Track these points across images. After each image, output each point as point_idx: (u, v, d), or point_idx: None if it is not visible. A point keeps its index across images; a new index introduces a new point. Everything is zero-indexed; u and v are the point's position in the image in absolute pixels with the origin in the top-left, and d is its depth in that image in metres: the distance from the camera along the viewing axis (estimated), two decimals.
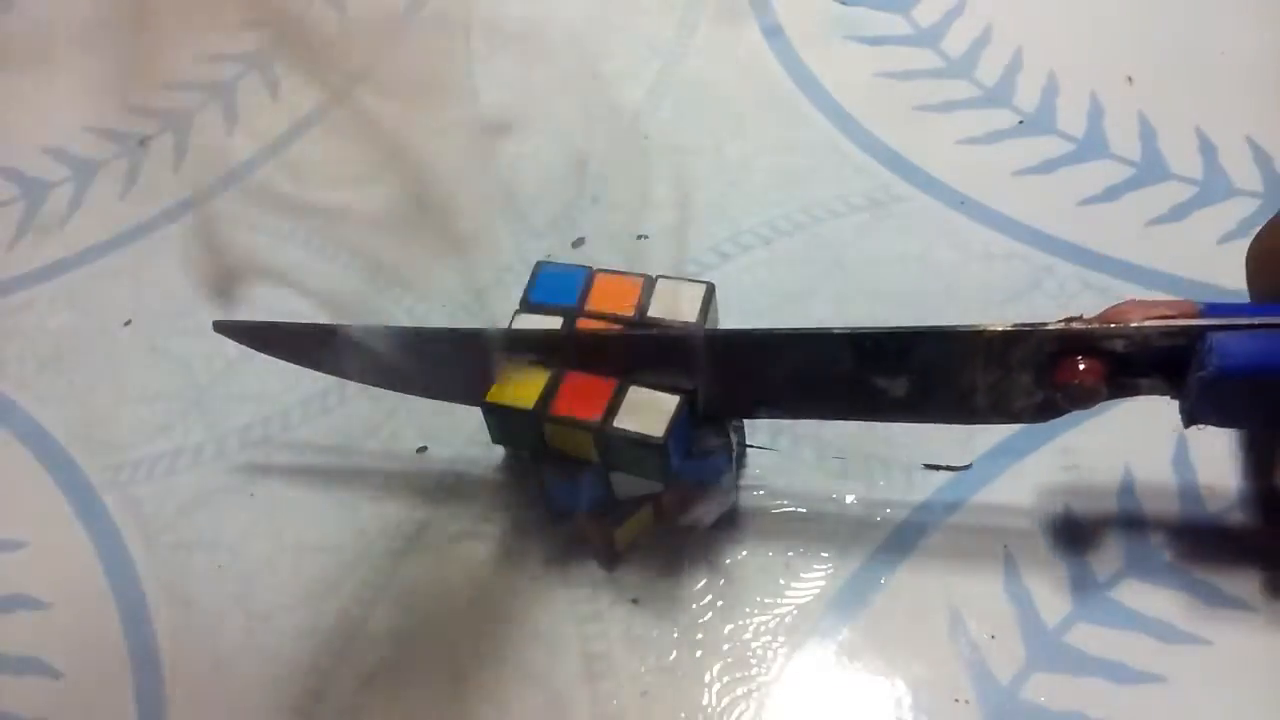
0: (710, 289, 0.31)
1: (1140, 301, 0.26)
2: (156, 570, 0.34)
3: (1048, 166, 0.39)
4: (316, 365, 0.34)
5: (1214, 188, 0.38)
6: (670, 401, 0.29)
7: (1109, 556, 0.30)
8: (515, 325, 0.31)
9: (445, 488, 0.34)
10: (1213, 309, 0.26)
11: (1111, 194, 0.38)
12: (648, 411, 0.29)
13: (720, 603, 0.31)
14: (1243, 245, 0.34)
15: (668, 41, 0.46)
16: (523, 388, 0.30)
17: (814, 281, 0.38)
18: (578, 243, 0.40)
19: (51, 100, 0.50)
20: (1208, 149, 0.39)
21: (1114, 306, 0.27)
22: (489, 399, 0.30)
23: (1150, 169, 0.39)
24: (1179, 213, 0.37)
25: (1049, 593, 0.30)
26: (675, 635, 0.31)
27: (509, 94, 0.46)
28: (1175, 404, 0.27)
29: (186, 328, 0.40)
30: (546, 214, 0.41)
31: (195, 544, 0.34)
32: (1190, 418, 0.27)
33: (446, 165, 0.43)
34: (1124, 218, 0.38)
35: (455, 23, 0.49)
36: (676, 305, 0.31)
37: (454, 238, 0.41)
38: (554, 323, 0.31)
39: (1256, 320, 0.25)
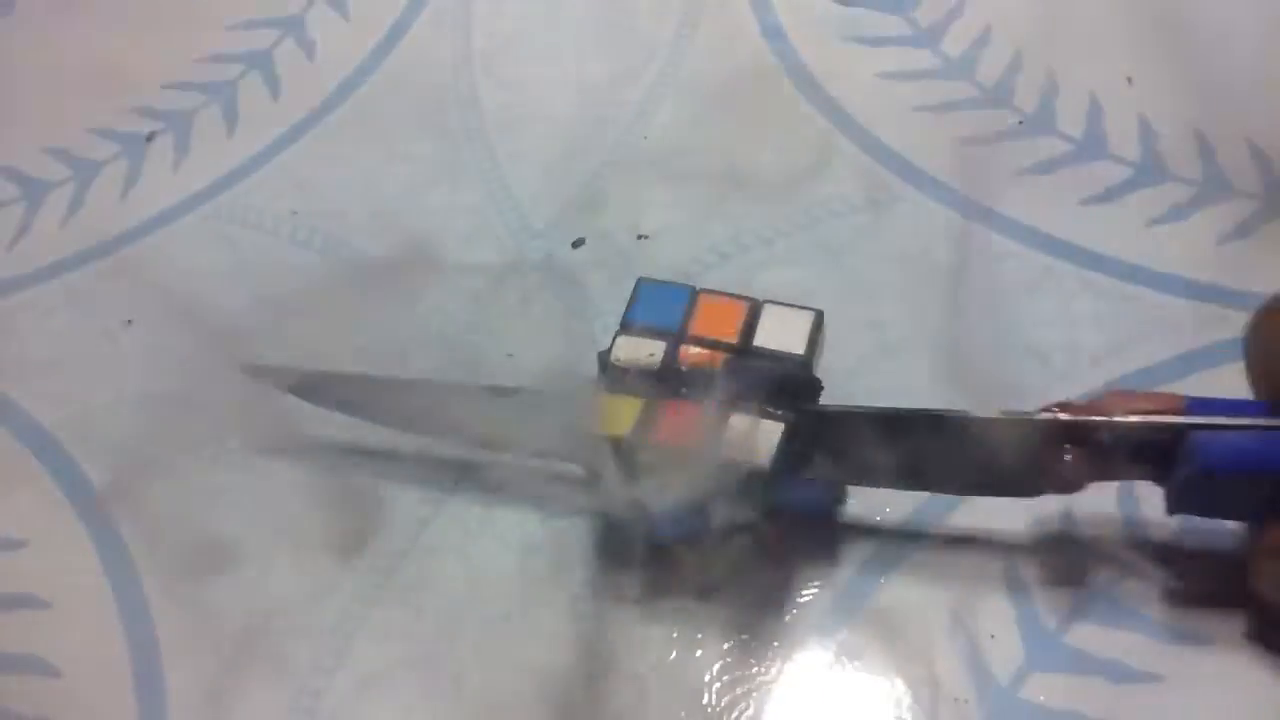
0: (819, 316, 0.30)
1: (1125, 393, 0.28)
2: (157, 570, 0.34)
3: (1048, 167, 0.39)
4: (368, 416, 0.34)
5: (1213, 188, 0.38)
6: (775, 429, 0.28)
7: (1109, 556, 0.30)
8: (616, 347, 0.30)
9: (445, 487, 0.34)
10: (1196, 405, 0.27)
11: (1111, 194, 0.38)
12: (751, 437, 0.28)
13: (720, 603, 0.31)
14: (1242, 245, 0.34)
15: (667, 41, 0.46)
16: (619, 414, 0.29)
17: (814, 281, 0.38)
18: (578, 243, 0.40)
19: (51, 100, 0.50)
20: (1207, 150, 0.39)
21: (1101, 398, 0.28)
22: (596, 431, 0.29)
23: (1150, 170, 0.39)
24: (1178, 213, 0.37)
25: (1049, 592, 0.30)
26: (675, 635, 0.31)
27: (509, 94, 0.46)
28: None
29: (186, 328, 0.40)
30: (546, 214, 0.41)
31: (194, 544, 0.34)
32: (1173, 508, 0.28)
33: (446, 166, 0.43)
34: (1123, 218, 0.38)
35: (455, 23, 0.49)
36: (783, 334, 0.30)
37: (454, 238, 0.41)
38: (656, 347, 0.30)
39: (1240, 421, 0.26)
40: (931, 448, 0.28)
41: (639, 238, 0.39)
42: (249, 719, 0.31)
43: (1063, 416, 0.27)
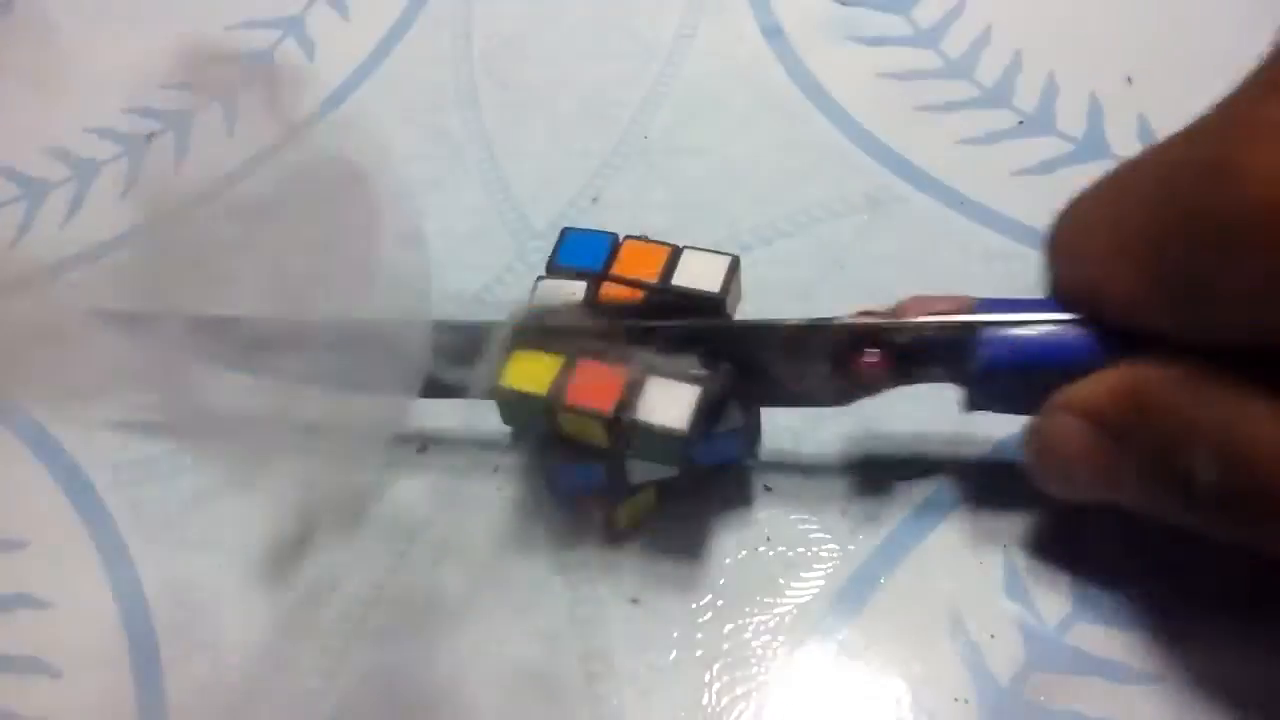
0: (735, 260, 0.31)
1: (922, 298, 0.29)
2: (157, 570, 0.34)
3: (1048, 167, 0.39)
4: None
5: None
6: (691, 392, 0.29)
7: (1109, 556, 0.30)
8: (539, 290, 0.32)
9: (445, 487, 0.34)
10: (985, 305, 0.28)
11: None
12: (668, 402, 0.29)
13: (720, 603, 0.31)
14: None
15: (667, 42, 0.46)
16: (534, 373, 0.30)
17: (814, 281, 0.38)
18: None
19: (51, 100, 0.50)
20: None
21: (900, 302, 0.29)
22: (501, 383, 0.30)
23: None
24: None
25: (1049, 592, 0.30)
26: (675, 635, 0.31)
27: (509, 94, 0.46)
28: None
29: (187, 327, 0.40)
30: (546, 214, 0.41)
31: (195, 544, 0.34)
32: (969, 405, 0.29)
33: (446, 166, 0.43)
34: None
35: (455, 23, 0.49)
36: (700, 275, 0.31)
37: (453, 239, 0.41)
38: (578, 287, 0.31)
39: (1023, 316, 0.28)
40: (754, 359, 0.30)
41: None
42: (249, 719, 0.31)
43: (861, 320, 0.29)
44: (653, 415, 0.29)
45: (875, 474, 0.33)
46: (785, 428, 0.34)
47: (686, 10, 0.47)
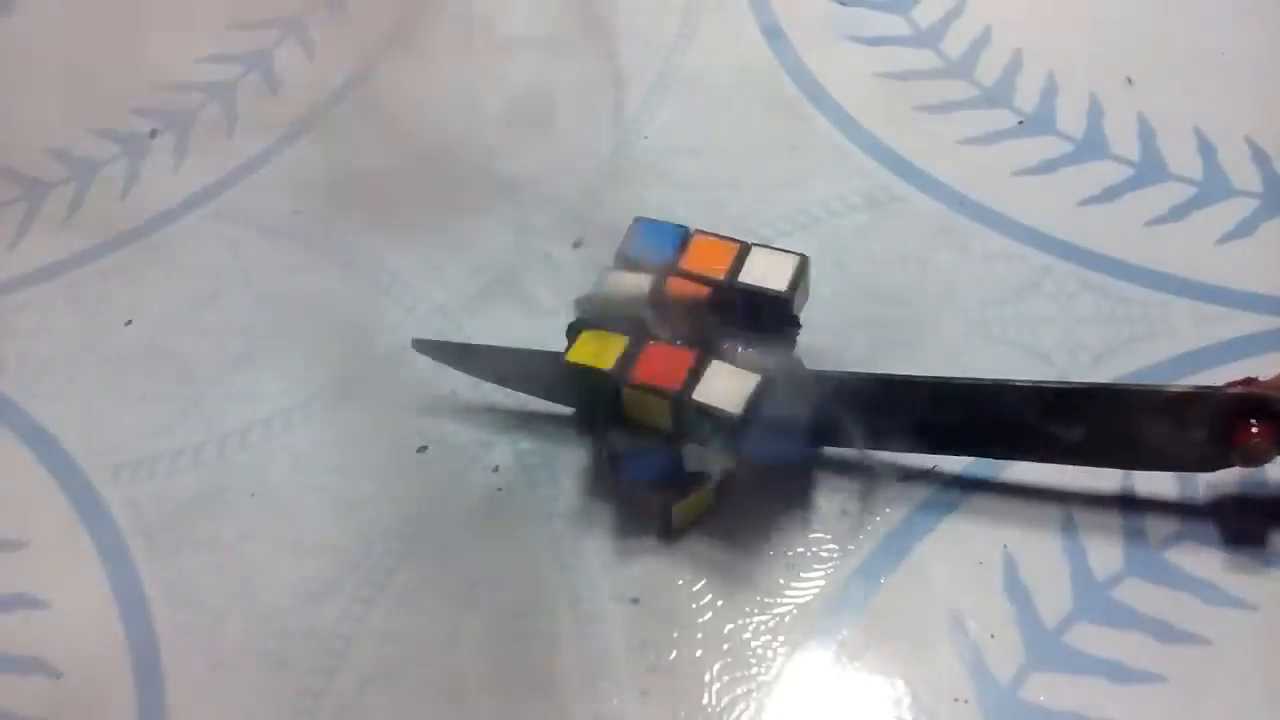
0: (804, 260, 0.31)
1: None
2: (157, 570, 0.34)
3: (1047, 167, 0.39)
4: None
5: (1213, 188, 0.38)
6: (751, 380, 0.29)
7: (1108, 556, 0.30)
8: (608, 281, 0.32)
9: (445, 487, 0.34)
10: None
11: (1111, 194, 0.38)
12: (728, 387, 0.29)
13: (720, 603, 0.31)
14: (1242, 245, 0.34)
15: (668, 42, 0.46)
16: (603, 351, 0.30)
17: (814, 282, 0.38)
18: (578, 243, 0.40)
19: (52, 101, 0.50)
20: (1207, 149, 0.39)
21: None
22: (569, 358, 0.30)
23: (1149, 169, 0.39)
24: (1178, 213, 0.37)
25: (1048, 592, 0.30)
26: (675, 635, 0.31)
27: (509, 94, 0.46)
28: None
29: (187, 328, 0.40)
30: (547, 214, 0.41)
31: (195, 544, 0.34)
32: None
33: (446, 166, 0.43)
34: (1123, 218, 0.38)
35: (456, 23, 0.49)
36: (768, 274, 0.31)
37: (455, 239, 0.41)
38: (644, 279, 0.31)
39: None
40: (1117, 423, 0.29)
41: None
42: (249, 719, 0.31)
43: (1255, 390, 0.28)
44: (710, 397, 0.28)
45: (875, 474, 0.33)
46: None
47: (686, 10, 0.47)
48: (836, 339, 0.35)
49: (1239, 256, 0.36)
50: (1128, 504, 0.31)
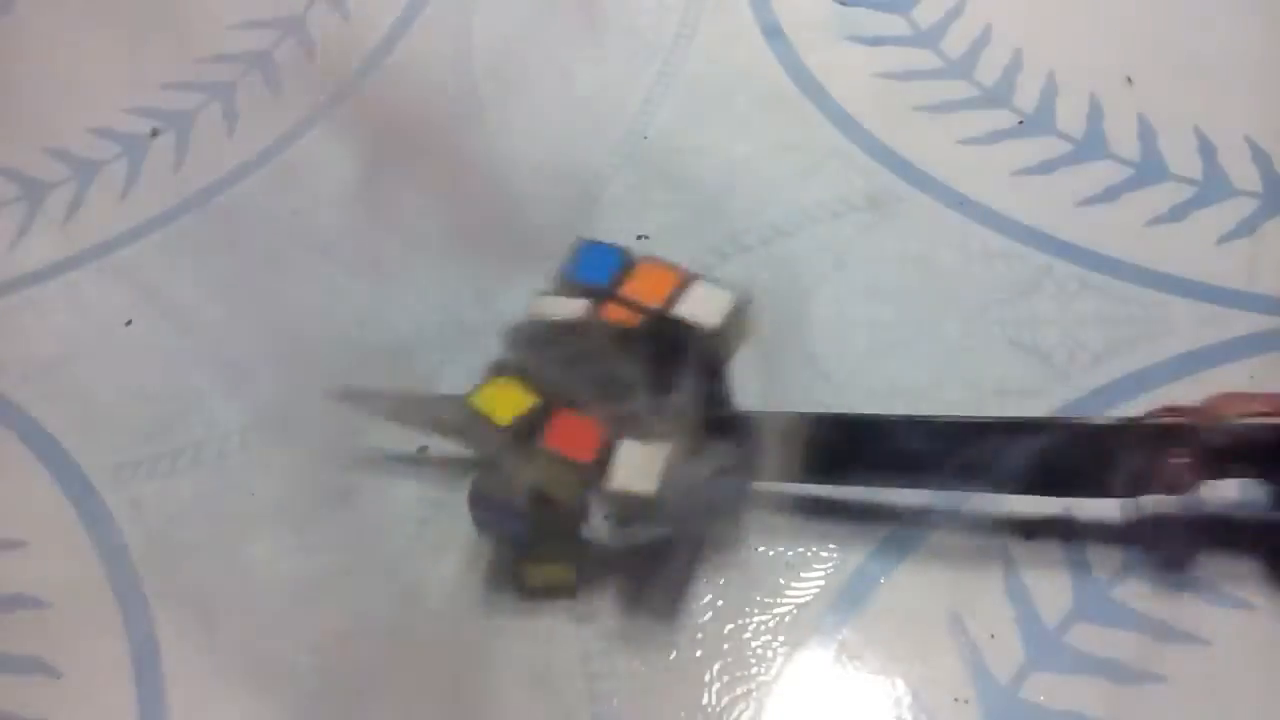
0: (744, 300, 0.30)
1: (1234, 395, 0.28)
2: (156, 570, 0.34)
3: (1047, 167, 0.39)
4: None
5: (1213, 188, 0.38)
6: (660, 451, 0.28)
7: (1108, 555, 0.30)
8: (541, 303, 0.31)
9: (445, 487, 0.34)
10: None
11: (1111, 194, 0.38)
12: (639, 465, 0.27)
13: (720, 603, 0.31)
14: (1242, 245, 0.34)
15: (667, 42, 0.46)
16: (508, 402, 0.29)
17: (814, 282, 0.38)
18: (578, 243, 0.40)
19: (52, 101, 0.50)
20: (1207, 149, 0.39)
21: (1210, 399, 0.28)
22: (469, 398, 0.29)
23: (1149, 169, 0.39)
24: (1178, 213, 0.37)
25: (1048, 592, 0.30)
26: (675, 635, 0.31)
27: (509, 94, 0.46)
28: None
29: (187, 328, 0.40)
30: (547, 214, 0.41)
31: (195, 544, 0.34)
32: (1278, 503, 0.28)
33: (446, 166, 0.43)
34: (1123, 218, 0.38)
35: (456, 23, 0.49)
36: (702, 308, 0.29)
37: (454, 239, 0.41)
38: (579, 305, 0.30)
39: None
40: (1042, 456, 0.28)
41: (639, 238, 0.39)
42: (249, 719, 0.31)
43: (1174, 420, 0.28)
44: (619, 481, 0.27)
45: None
46: None
47: (686, 10, 0.47)
48: (838, 339, 0.35)
49: (1239, 256, 0.36)
50: (1128, 503, 0.31)
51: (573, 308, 0.30)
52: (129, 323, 0.41)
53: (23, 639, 0.33)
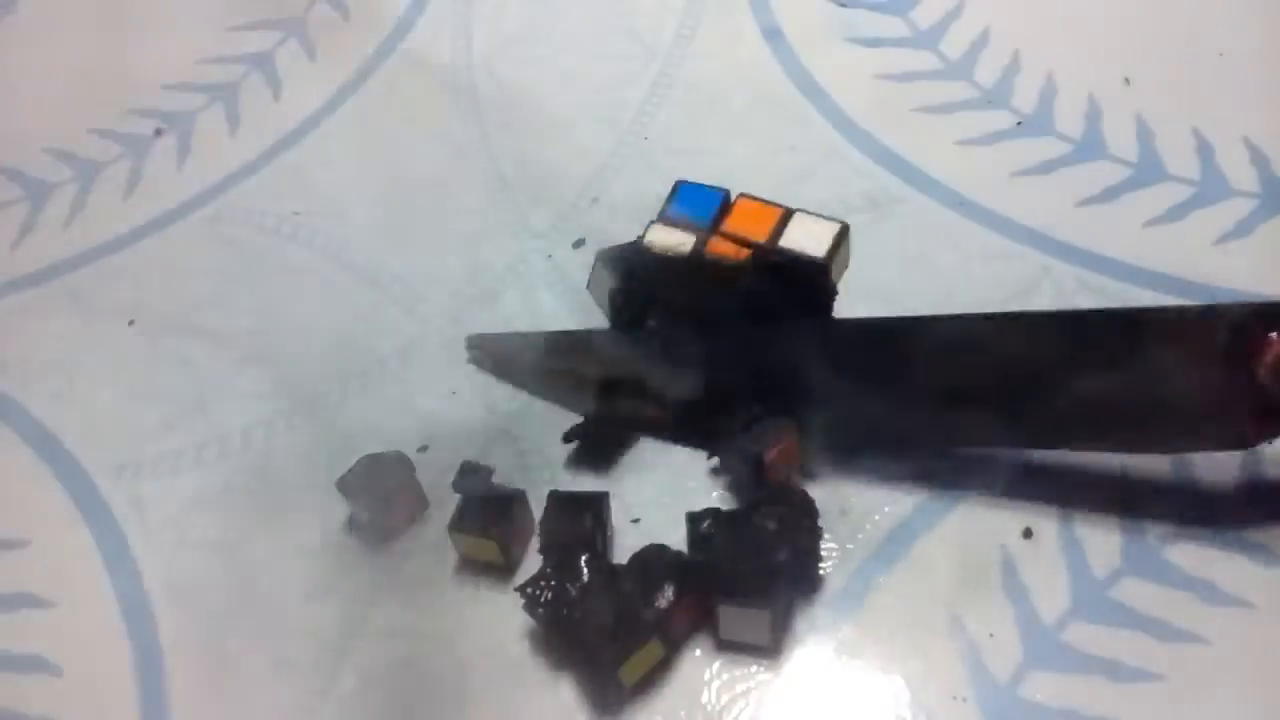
0: (844, 229, 0.31)
1: None
2: (158, 569, 0.34)
3: (1046, 167, 0.40)
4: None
5: (1211, 188, 0.38)
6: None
7: (1107, 554, 0.30)
8: (649, 232, 0.32)
9: (445, 487, 0.34)
10: None
11: (1109, 195, 0.38)
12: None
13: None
14: (1241, 245, 0.34)
15: (667, 42, 0.46)
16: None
17: None
18: (578, 243, 0.40)
19: (54, 101, 0.50)
20: (1205, 150, 0.39)
21: None
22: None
23: (1148, 170, 0.39)
24: (1176, 213, 0.38)
25: (1047, 591, 0.30)
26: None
27: (509, 94, 0.46)
28: None
29: (188, 328, 0.40)
30: (547, 215, 0.41)
31: (196, 544, 0.34)
32: None
33: (447, 166, 0.44)
34: (1122, 218, 0.38)
35: (456, 24, 0.49)
36: (807, 240, 0.31)
37: (455, 240, 0.41)
38: (686, 238, 0.32)
39: None
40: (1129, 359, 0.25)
41: (639, 238, 0.39)
42: (249, 719, 0.31)
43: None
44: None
45: (873, 474, 0.33)
46: None
47: (686, 10, 0.48)
48: None
49: (1237, 257, 0.36)
50: (1127, 502, 0.31)
51: (681, 239, 0.32)
52: (131, 322, 0.41)
53: (25, 637, 0.33)
